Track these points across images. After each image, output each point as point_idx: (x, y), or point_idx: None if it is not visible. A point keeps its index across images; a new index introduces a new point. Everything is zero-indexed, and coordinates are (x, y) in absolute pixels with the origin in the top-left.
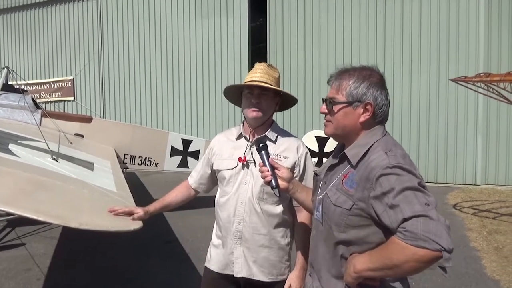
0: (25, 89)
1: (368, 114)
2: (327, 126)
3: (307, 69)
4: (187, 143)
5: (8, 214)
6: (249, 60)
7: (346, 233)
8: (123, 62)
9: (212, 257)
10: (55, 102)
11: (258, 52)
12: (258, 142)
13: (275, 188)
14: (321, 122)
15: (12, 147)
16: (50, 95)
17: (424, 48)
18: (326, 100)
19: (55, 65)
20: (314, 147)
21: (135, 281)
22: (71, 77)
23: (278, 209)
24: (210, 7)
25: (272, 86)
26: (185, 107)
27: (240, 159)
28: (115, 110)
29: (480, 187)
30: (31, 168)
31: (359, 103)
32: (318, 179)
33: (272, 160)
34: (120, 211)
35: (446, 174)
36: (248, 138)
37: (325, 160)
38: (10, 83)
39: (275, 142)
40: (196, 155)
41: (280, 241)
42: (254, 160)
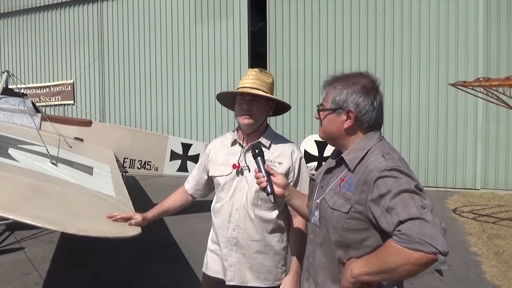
0: (25, 93)
1: (350, 121)
2: (319, 130)
3: (307, 72)
4: (186, 147)
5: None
6: (249, 63)
7: (344, 237)
8: (123, 66)
9: (209, 262)
10: (55, 106)
11: (258, 56)
12: (254, 148)
13: (270, 194)
14: None
15: (11, 151)
16: (50, 99)
17: (423, 52)
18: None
19: (55, 68)
20: (314, 151)
21: (134, 285)
22: (71, 81)
23: (272, 214)
24: (210, 10)
25: (264, 93)
26: (185, 110)
27: (234, 166)
28: (115, 114)
29: (480, 191)
30: (30, 173)
31: (342, 110)
32: (314, 184)
33: (268, 167)
34: (119, 216)
35: (445, 179)
36: (242, 145)
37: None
38: (10, 86)
39: (269, 148)
40: (195, 159)
41: (276, 246)
42: (248, 166)
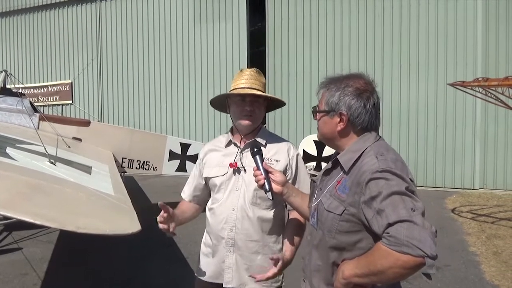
0: (23, 92)
1: (343, 124)
2: (317, 131)
3: (306, 73)
4: (185, 147)
5: (5, 218)
6: (248, 64)
7: (337, 239)
8: (121, 66)
9: (203, 266)
10: (53, 105)
11: (257, 56)
12: (253, 147)
13: (268, 191)
14: None
15: (9, 150)
16: (48, 99)
17: (422, 52)
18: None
19: (53, 68)
20: (313, 151)
21: (133, 285)
22: (69, 80)
23: (270, 214)
24: (209, 11)
25: (265, 94)
26: (183, 111)
27: (231, 165)
28: (113, 114)
29: (479, 191)
30: (28, 171)
31: (334, 113)
32: (314, 186)
33: (266, 164)
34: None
35: (444, 179)
36: (238, 145)
37: (323, 164)
38: (8, 86)
39: (265, 146)
40: (194, 159)
41: (273, 246)
42: (244, 167)
